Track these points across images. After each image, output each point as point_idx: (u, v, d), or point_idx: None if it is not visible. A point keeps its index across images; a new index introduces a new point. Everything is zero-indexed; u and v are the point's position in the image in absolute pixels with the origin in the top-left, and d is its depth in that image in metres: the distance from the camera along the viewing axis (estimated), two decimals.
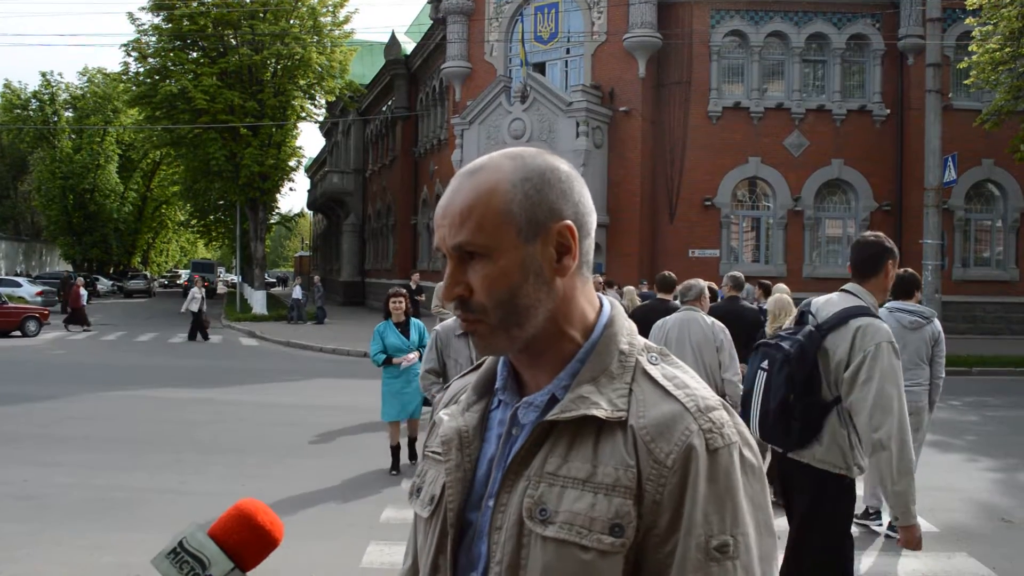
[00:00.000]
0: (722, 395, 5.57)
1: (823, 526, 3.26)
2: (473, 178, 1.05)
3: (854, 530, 6.18)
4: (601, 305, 1.11)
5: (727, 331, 5.72)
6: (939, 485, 6.94)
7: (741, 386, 5.70)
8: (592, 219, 1.09)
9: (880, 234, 3.48)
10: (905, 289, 5.63)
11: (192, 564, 1.06)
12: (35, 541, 5.55)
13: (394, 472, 7.43)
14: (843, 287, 3.40)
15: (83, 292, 24.38)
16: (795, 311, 6.88)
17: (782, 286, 9.28)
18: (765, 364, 3.28)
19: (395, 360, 7.29)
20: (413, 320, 7.56)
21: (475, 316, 1.04)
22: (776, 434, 3.23)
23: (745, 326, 6.86)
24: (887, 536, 5.61)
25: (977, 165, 22.06)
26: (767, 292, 9.37)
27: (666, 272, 7.57)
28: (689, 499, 0.95)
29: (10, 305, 22.35)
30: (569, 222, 1.04)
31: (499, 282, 1.02)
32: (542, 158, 1.07)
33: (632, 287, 13.41)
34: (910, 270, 5.85)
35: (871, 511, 5.91)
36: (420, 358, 7.15)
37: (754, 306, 8.21)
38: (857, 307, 3.23)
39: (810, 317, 3.31)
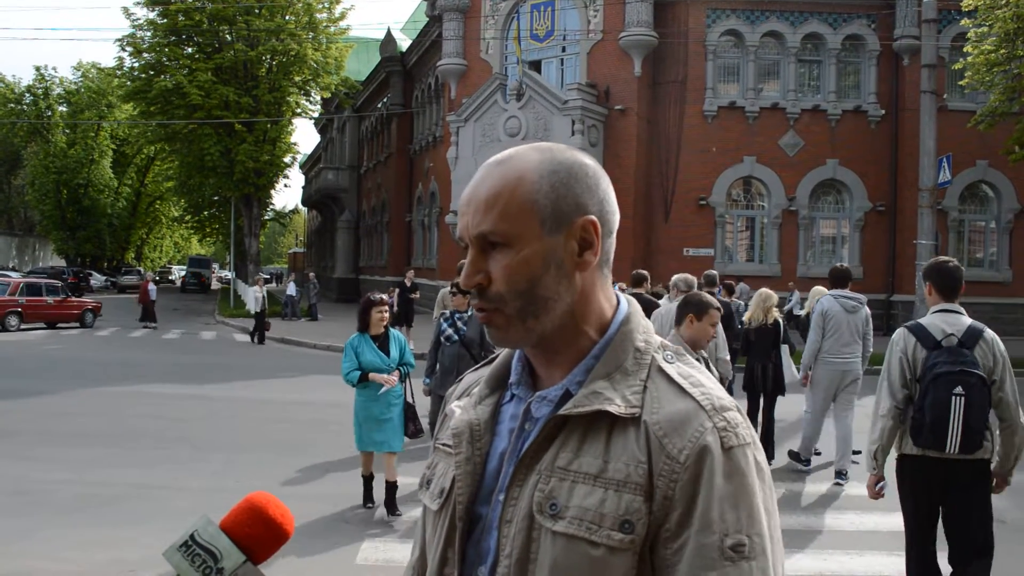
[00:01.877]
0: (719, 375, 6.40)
1: (989, 500, 4.05)
2: (500, 167, 1.05)
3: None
4: (618, 302, 1.11)
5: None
6: None
7: (731, 366, 6.94)
8: (615, 218, 1.10)
9: (953, 259, 4.18)
10: (843, 280, 7.20)
11: (204, 557, 1.06)
12: (29, 537, 5.53)
13: (369, 505, 6.32)
14: (945, 308, 3.98)
15: (152, 288, 24.48)
16: (774, 304, 7.89)
17: (743, 285, 11.10)
18: (960, 390, 3.74)
19: (373, 377, 5.97)
20: (393, 332, 6.28)
21: (492, 305, 1.04)
22: (976, 443, 3.80)
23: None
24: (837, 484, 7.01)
25: (971, 166, 22.09)
26: (730, 291, 10.53)
27: (639, 270, 9.15)
28: (703, 496, 0.94)
29: (73, 299, 24.29)
30: (593, 217, 1.05)
31: (519, 272, 1.03)
32: (571, 153, 1.07)
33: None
34: (845, 264, 7.38)
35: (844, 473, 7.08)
36: (401, 378, 6.20)
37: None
38: (976, 321, 3.96)
39: (954, 338, 3.85)
